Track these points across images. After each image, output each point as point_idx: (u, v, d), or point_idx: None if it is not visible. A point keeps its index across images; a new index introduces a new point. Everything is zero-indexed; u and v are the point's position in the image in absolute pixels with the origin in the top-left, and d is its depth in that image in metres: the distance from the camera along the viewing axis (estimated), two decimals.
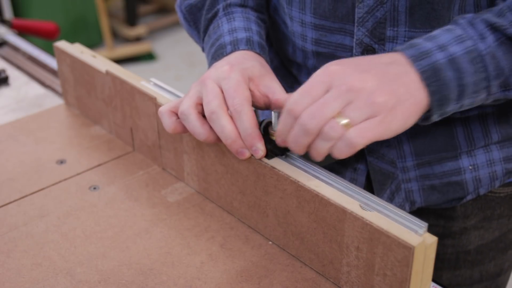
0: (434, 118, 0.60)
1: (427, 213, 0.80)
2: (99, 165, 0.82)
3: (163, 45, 3.49)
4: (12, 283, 0.63)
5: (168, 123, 0.67)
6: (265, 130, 0.63)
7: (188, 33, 0.85)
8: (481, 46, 0.59)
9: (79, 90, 0.90)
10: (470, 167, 0.75)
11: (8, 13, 2.96)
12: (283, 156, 0.64)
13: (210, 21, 0.78)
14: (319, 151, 0.58)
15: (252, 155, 0.63)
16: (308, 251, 0.63)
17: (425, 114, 0.60)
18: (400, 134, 0.72)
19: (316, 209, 0.59)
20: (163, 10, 3.76)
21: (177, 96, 0.76)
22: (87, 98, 0.89)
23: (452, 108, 0.60)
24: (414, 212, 0.78)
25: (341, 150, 0.56)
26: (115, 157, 0.83)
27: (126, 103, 0.80)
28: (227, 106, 0.62)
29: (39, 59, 1.15)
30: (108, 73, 0.81)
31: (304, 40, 0.75)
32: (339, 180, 0.60)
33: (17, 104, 0.99)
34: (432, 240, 0.53)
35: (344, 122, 0.55)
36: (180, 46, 3.45)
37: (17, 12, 3.06)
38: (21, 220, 0.72)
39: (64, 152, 0.84)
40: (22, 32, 1.29)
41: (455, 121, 0.73)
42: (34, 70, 1.11)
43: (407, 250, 0.52)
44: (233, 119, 0.62)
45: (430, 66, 0.58)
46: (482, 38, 0.59)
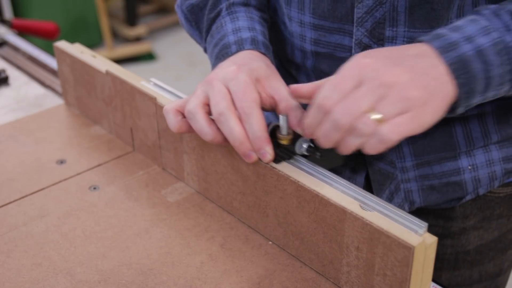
0: (460, 110, 0.60)
1: (426, 213, 0.80)
2: (99, 165, 0.82)
3: (163, 45, 3.49)
4: (12, 283, 0.63)
5: (173, 122, 0.66)
6: (272, 134, 0.62)
7: (189, 33, 0.84)
8: (508, 38, 0.58)
9: (79, 90, 0.90)
10: (470, 167, 0.75)
11: (8, 13, 2.96)
12: (290, 160, 0.63)
13: (212, 21, 0.77)
14: (350, 146, 0.57)
15: (259, 159, 0.62)
16: (308, 251, 0.63)
17: (451, 106, 0.59)
18: None
19: (316, 209, 0.59)
20: (163, 10, 3.76)
21: (177, 96, 0.76)
22: (87, 98, 0.89)
23: (477, 100, 0.60)
24: (413, 212, 0.78)
25: (374, 146, 0.55)
26: (115, 157, 0.83)
27: (126, 103, 0.80)
28: (235, 107, 0.61)
29: (39, 59, 1.15)
30: (108, 73, 0.81)
31: (303, 40, 0.75)
32: (339, 180, 0.61)
33: (17, 104, 0.99)
34: (432, 240, 0.53)
35: (377, 117, 0.54)
36: (180, 46, 3.45)
37: (17, 12, 3.06)
38: (21, 220, 0.72)
39: (64, 152, 0.84)
40: (22, 32, 1.29)
41: (454, 121, 0.73)
42: (34, 70, 1.11)
43: (407, 250, 0.52)
44: (241, 121, 0.61)
45: (459, 58, 0.57)
46: (508, 29, 0.59)
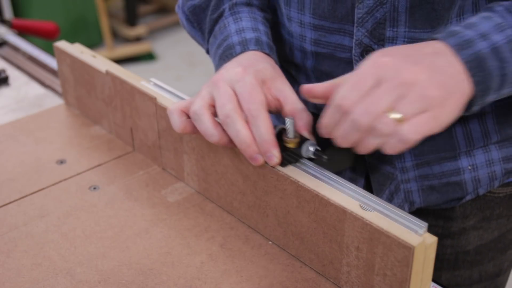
0: (475, 108, 0.59)
1: (426, 213, 0.80)
2: (99, 165, 0.82)
3: (163, 45, 3.49)
4: (12, 283, 0.63)
5: (178, 122, 0.65)
6: (279, 137, 0.62)
7: (190, 35, 0.83)
8: None
9: (79, 90, 0.90)
10: (469, 167, 0.75)
11: (8, 13, 2.96)
12: (297, 163, 0.63)
13: (215, 22, 0.77)
14: (368, 147, 0.56)
15: (266, 162, 0.62)
16: (308, 251, 0.63)
17: (467, 104, 0.59)
18: None
19: (316, 209, 0.59)
20: (163, 10, 3.76)
21: (177, 96, 0.76)
22: (87, 98, 0.89)
23: (492, 97, 0.59)
24: (413, 213, 0.78)
25: (393, 146, 0.55)
26: (115, 157, 0.83)
27: (126, 103, 0.80)
28: (241, 109, 0.61)
29: (39, 59, 1.15)
30: (108, 73, 0.81)
31: (303, 41, 0.75)
32: (339, 180, 0.61)
33: (17, 104, 0.99)
34: (432, 240, 0.53)
35: (397, 117, 0.54)
36: (180, 46, 3.45)
37: (17, 12, 3.06)
38: (21, 220, 0.72)
39: (64, 152, 0.84)
40: (22, 32, 1.29)
41: (454, 121, 0.73)
42: (34, 70, 1.11)
43: (407, 250, 0.52)
44: (247, 123, 0.60)
45: (475, 55, 0.57)
46: None
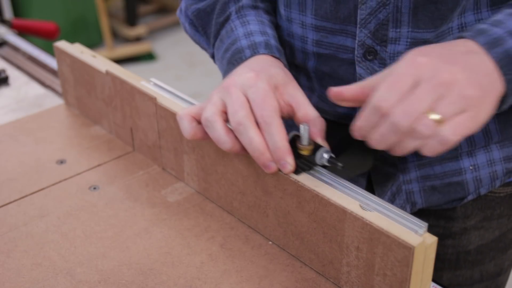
0: (505, 107, 0.59)
1: (427, 214, 0.80)
2: (99, 165, 0.82)
3: (163, 45, 3.49)
4: (12, 283, 0.63)
5: (188, 129, 0.64)
6: (292, 143, 0.60)
7: (193, 39, 0.82)
8: None
9: (79, 90, 0.90)
10: (471, 167, 0.75)
11: (8, 13, 2.96)
12: (311, 171, 0.61)
13: (222, 25, 0.76)
14: (406, 149, 0.55)
15: (279, 169, 0.60)
16: (308, 251, 0.63)
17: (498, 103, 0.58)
18: None
19: (316, 209, 0.59)
20: (163, 10, 3.76)
21: (177, 96, 0.76)
22: (87, 98, 0.89)
23: None
24: (414, 213, 0.78)
25: (433, 148, 0.54)
26: (115, 157, 0.83)
27: (126, 103, 0.80)
28: (254, 116, 0.60)
29: (39, 59, 1.15)
30: (108, 73, 0.81)
31: (304, 42, 0.75)
32: (339, 180, 0.60)
33: (17, 104, 0.99)
34: (432, 240, 0.53)
35: (436, 118, 0.53)
36: (180, 46, 3.45)
37: (17, 12, 3.06)
38: (21, 220, 0.72)
39: (64, 152, 0.84)
40: (22, 32, 1.29)
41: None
42: (34, 70, 1.11)
43: (407, 250, 0.52)
44: (260, 130, 0.59)
45: (505, 53, 0.56)
46: None
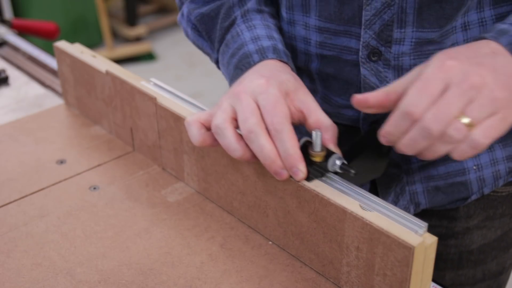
0: None
1: (430, 214, 0.80)
2: (99, 165, 0.82)
3: (163, 45, 3.49)
4: (12, 283, 0.63)
5: (197, 135, 0.63)
6: (304, 150, 0.60)
7: (196, 44, 0.81)
8: None
9: (79, 90, 0.90)
10: (474, 167, 0.75)
11: (8, 13, 2.96)
12: (323, 178, 0.61)
13: (227, 30, 0.75)
14: (437, 153, 0.55)
15: (291, 177, 0.60)
16: (308, 251, 0.63)
17: None
18: None
19: (316, 209, 0.59)
20: (163, 10, 3.76)
21: (177, 96, 0.76)
22: (87, 98, 0.89)
23: None
24: (417, 214, 0.78)
25: (465, 152, 0.54)
26: (115, 157, 0.83)
27: (126, 103, 0.80)
28: (265, 123, 0.59)
29: (39, 59, 1.15)
30: (108, 73, 0.81)
31: (308, 44, 0.74)
32: (339, 180, 0.60)
33: (17, 104, 0.99)
34: (432, 240, 0.53)
35: (467, 121, 0.52)
36: (180, 46, 3.45)
37: (17, 12, 3.06)
38: (21, 220, 0.72)
39: (64, 152, 0.84)
40: (22, 32, 1.29)
41: None
42: (34, 70, 1.11)
43: (407, 250, 0.52)
44: (271, 137, 0.59)
45: None
46: None
